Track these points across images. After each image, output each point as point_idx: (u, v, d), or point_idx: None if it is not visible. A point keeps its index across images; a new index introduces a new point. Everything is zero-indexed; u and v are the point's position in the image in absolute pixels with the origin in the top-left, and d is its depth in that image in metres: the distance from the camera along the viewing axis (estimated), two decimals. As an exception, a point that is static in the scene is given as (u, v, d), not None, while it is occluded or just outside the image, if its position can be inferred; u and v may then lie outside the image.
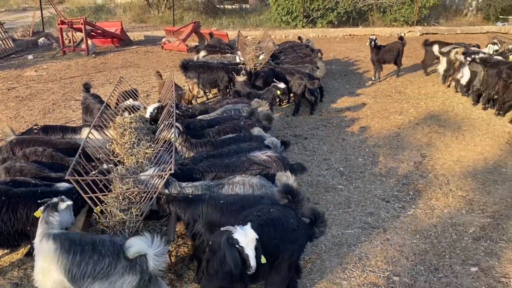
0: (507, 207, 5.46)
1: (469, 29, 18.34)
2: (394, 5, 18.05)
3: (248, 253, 3.14)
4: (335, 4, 17.80)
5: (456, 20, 19.77)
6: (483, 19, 20.24)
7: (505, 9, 20.07)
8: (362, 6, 18.16)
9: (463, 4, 21.77)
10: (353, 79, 11.41)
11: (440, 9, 20.09)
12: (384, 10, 18.45)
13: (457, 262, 4.47)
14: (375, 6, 18.28)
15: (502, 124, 8.20)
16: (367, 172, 6.43)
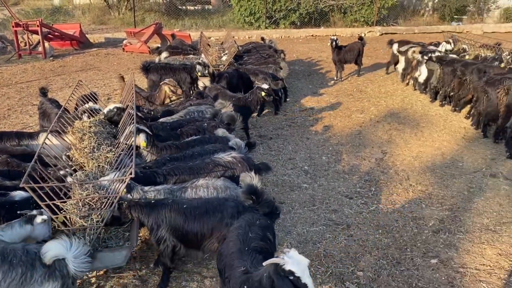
0: (464, 200, 5.67)
1: (426, 28, 18.98)
2: (354, 6, 18.44)
3: (307, 282, 2.75)
4: (297, 5, 18.01)
5: (414, 20, 20.42)
6: (439, 19, 21.00)
7: (459, 9, 20.91)
8: (323, 7, 18.45)
9: (420, 5, 22.50)
10: (316, 79, 11.57)
11: (398, 9, 20.69)
12: (344, 11, 18.82)
13: (418, 255, 4.61)
14: (336, 7, 18.62)
15: (458, 120, 8.52)
16: (330, 170, 6.53)
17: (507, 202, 5.59)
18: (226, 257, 3.26)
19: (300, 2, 17.99)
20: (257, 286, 2.87)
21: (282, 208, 5.46)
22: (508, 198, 5.69)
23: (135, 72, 8.74)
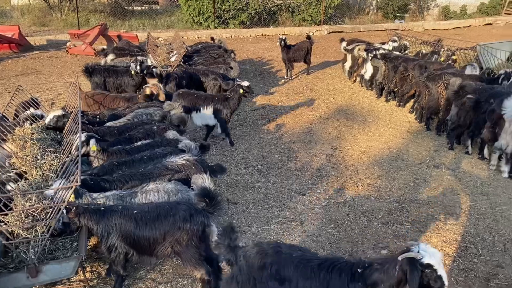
0: (410, 191, 5.92)
1: (371, 26, 19.61)
2: (301, 5, 18.73)
3: (442, 274, 2.77)
4: (246, 4, 18.05)
5: (359, 19, 21.04)
6: (383, 17, 21.77)
7: (401, 7, 21.77)
8: (271, 6, 18.60)
9: (365, 3, 23.23)
10: (267, 78, 11.66)
11: (344, 8, 21.23)
12: (292, 10, 19.08)
13: (369, 247, 4.76)
14: (284, 7, 18.84)
15: (403, 115, 8.87)
16: (283, 168, 6.60)
17: (450, 192, 5.89)
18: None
19: (248, 1, 18.03)
20: (382, 278, 2.91)
21: (236, 208, 5.47)
22: (451, 188, 6.00)
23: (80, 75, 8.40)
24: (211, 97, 7.21)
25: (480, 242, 4.83)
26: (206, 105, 7.05)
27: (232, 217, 5.28)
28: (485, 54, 8.53)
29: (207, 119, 7.12)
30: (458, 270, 4.39)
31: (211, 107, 7.06)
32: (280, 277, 3.10)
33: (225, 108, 7.10)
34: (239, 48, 15.14)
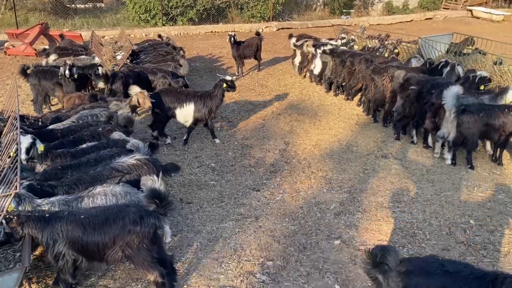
0: (360, 182, 6.08)
1: (319, 22, 19.96)
2: (250, 1, 18.75)
3: None
4: (194, 1, 17.82)
5: (307, 15, 21.34)
6: (330, 13, 22.21)
7: (347, 3, 22.31)
8: (220, 3, 18.49)
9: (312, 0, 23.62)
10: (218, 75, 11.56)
11: (292, 5, 21.45)
12: (241, 7, 19.05)
13: (323, 238, 4.84)
14: (233, 3, 18.78)
15: (351, 108, 9.09)
16: (237, 164, 6.58)
17: (398, 180, 6.11)
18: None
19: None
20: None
21: (190, 208, 5.39)
22: (398, 176, 6.22)
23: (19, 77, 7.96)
24: (193, 93, 7.11)
25: (427, 227, 5.04)
26: (189, 102, 6.95)
27: (185, 217, 5.20)
28: (426, 47, 8.91)
29: (188, 116, 7.03)
30: (408, 256, 4.55)
31: (193, 103, 6.95)
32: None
33: (206, 105, 6.99)
34: (188, 45, 14.94)
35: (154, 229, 3.73)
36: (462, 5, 24.11)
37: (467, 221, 5.13)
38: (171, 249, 4.56)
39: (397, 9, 23.59)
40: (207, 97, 7.02)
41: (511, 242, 4.76)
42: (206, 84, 10.65)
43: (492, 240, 4.80)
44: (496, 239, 4.82)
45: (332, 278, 4.21)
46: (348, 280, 4.19)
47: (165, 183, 5.74)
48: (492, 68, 7.47)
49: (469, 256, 4.53)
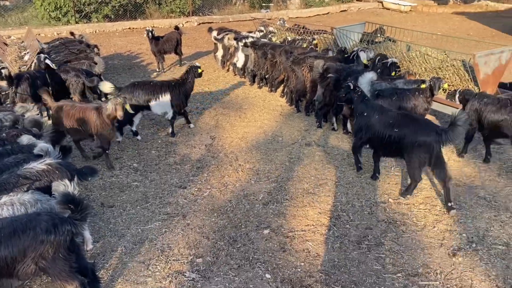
0: (286, 170, 6.15)
1: (239, 16, 20.00)
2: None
3: None
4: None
5: (228, 9, 21.31)
6: (250, 7, 22.35)
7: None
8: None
9: (232, -6, 23.60)
10: (137, 72, 11.17)
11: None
12: (159, 2, 18.55)
13: (252, 229, 4.83)
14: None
15: (275, 99, 9.20)
16: (161, 163, 6.38)
17: (321, 166, 6.27)
18: None
19: (111, -6, 17.06)
20: None
21: (112, 212, 5.12)
22: (322, 162, 6.39)
23: None
24: (167, 83, 7.15)
25: (350, 209, 5.22)
26: (164, 92, 6.99)
27: (108, 221, 4.93)
28: (341, 37, 9.23)
29: (166, 107, 7.03)
30: (333, 238, 4.68)
31: (169, 93, 7.00)
32: None
33: (181, 93, 7.13)
34: (105, 42, 14.30)
35: (71, 237, 3.47)
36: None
37: (387, 200, 5.39)
38: (93, 256, 4.30)
39: (314, 2, 24.31)
40: (181, 85, 7.16)
41: (426, 216, 5.07)
42: (125, 82, 10.21)
43: (409, 215, 5.08)
44: (413, 214, 5.11)
45: (263, 268, 4.21)
46: (278, 268, 4.22)
47: (83, 187, 5.44)
48: (401, 54, 7.91)
49: (390, 233, 4.76)
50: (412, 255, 4.41)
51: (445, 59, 7.23)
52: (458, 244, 4.57)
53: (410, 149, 5.15)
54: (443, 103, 6.90)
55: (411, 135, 5.14)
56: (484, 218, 5.01)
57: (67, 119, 5.88)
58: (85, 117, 5.85)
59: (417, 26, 17.98)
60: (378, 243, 4.61)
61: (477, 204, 5.30)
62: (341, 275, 4.13)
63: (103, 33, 16.44)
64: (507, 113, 5.71)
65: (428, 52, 7.50)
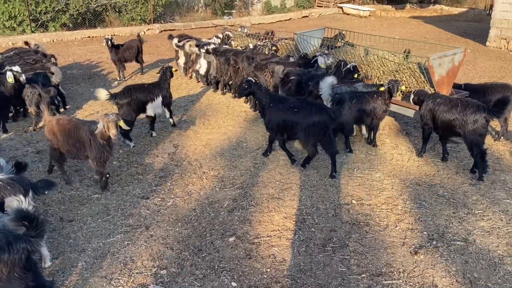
0: (251, 176, 6.14)
1: (202, 23, 19.94)
2: (128, 4, 18.02)
3: None
4: (65, 5, 16.58)
5: (190, 16, 21.20)
6: (212, 14, 22.33)
7: (228, 4, 22.65)
8: (95, 6, 17.47)
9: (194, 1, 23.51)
10: (97, 81, 10.91)
11: (173, 6, 21.14)
12: (119, 10, 18.23)
13: (217, 237, 4.78)
14: (110, 6, 17.88)
15: (239, 105, 9.19)
16: (123, 174, 6.23)
17: (286, 170, 6.29)
18: None
19: (68, 2, 16.59)
20: None
21: (72, 226, 4.95)
22: (286, 167, 6.41)
23: None
24: (156, 84, 7.37)
25: (315, 212, 5.25)
26: (157, 94, 7.25)
27: (67, 236, 4.76)
28: (301, 42, 9.34)
29: (157, 107, 7.33)
30: (299, 242, 4.69)
31: (160, 95, 7.29)
32: None
33: (167, 91, 7.48)
34: (63, 52, 13.91)
35: (26, 255, 3.32)
36: (334, 3, 25.98)
37: (350, 201, 5.46)
38: (52, 274, 4.14)
39: (275, 8, 24.57)
40: (165, 85, 7.44)
41: (388, 216, 5.17)
42: (84, 92, 9.98)
43: (372, 216, 5.17)
44: (376, 214, 5.20)
45: (229, 276, 4.17)
46: (244, 275, 4.18)
47: (41, 202, 5.24)
48: (360, 58, 8.07)
49: (354, 234, 4.82)
50: (375, 255, 4.47)
51: (402, 62, 7.44)
52: (420, 242, 4.68)
53: (307, 128, 5.97)
54: (400, 104, 7.09)
55: (308, 116, 5.98)
56: (443, 216, 5.16)
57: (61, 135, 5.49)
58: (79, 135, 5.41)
59: (376, 30, 18.49)
60: (342, 245, 4.65)
61: (437, 202, 5.45)
62: (307, 279, 4.14)
63: (61, 42, 15.99)
64: (458, 113, 5.92)
65: (385, 55, 7.70)
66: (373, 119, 6.76)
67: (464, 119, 5.88)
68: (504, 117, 7.02)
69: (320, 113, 5.98)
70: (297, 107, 6.10)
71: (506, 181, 5.96)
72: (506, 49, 15.22)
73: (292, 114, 6.10)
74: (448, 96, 6.55)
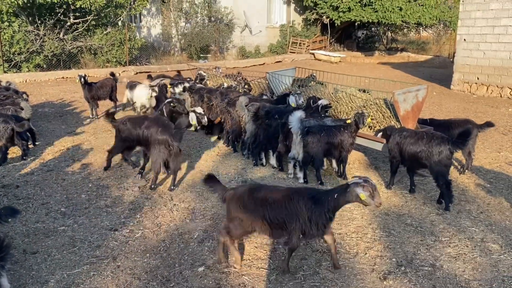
0: (223, 207, 6.08)
1: (178, 66, 20.32)
2: (104, 46, 18.28)
3: None
4: (40, 47, 16.69)
5: (166, 59, 21.63)
6: (188, 58, 22.85)
7: (204, 48, 23.26)
8: (71, 48, 17.65)
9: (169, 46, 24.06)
10: (70, 119, 10.86)
11: (149, 50, 21.60)
12: (95, 52, 18.46)
13: (187, 267, 4.68)
14: (85, 48, 18.09)
15: (212, 141, 9.27)
16: (92, 206, 6.11)
17: (257, 202, 6.29)
18: None
19: (43, 44, 16.72)
20: None
21: (35, 258, 4.77)
22: (258, 198, 6.42)
23: None
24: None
25: (286, 241, 5.23)
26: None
27: (30, 268, 4.58)
28: (273, 81, 9.64)
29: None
30: (269, 271, 4.64)
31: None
32: None
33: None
34: (36, 91, 13.89)
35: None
36: (306, 49, 27.01)
37: (320, 231, 5.47)
38: (11, 307, 3.93)
39: (250, 53, 25.35)
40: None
41: (358, 243, 5.21)
42: (56, 129, 9.91)
43: (342, 244, 5.19)
44: (346, 243, 5.23)
45: (197, 305, 4.06)
46: (213, 303, 4.09)
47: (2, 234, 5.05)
48: (330, 96, 8.37)
49: (324, 262, 4.81)
50: (345, 282, 4.46)
51: (369, 98, 7.74)
52: (388, 268, 4.71)
53: (153, 145, 6.49)
54: (369, 138, 7.31)
55: (154, 134, 6.49)
56: (411, 243, 5.23)
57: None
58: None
59: (346, 73, 19.19)
60: (313, 272, 4.63)
61: (405, 231, 5.54)
62: (277, 306, 4.08)
63: (34, 82, 15.97)
64: (424, 145, 6.15)
65: (353, 92, 8.01)
66: (341, 151, 6.93)
67: (430, 150, 6.10)
68: (468, 151, 7.32)
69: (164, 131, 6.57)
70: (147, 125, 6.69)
71: (471, 211, 6.13)
72: (469, 92, 16.03)
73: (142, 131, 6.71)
74: (414, 129, 6.81)
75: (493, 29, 15.09)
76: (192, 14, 23.95)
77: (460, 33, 16.15)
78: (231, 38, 24.85)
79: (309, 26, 28.36)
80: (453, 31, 26.01)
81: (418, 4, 25.15)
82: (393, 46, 32.43)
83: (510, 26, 14.64)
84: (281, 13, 28.65)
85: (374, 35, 33.05)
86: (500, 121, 11.35)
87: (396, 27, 30.26)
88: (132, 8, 20.58)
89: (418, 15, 24.99)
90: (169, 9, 24.79)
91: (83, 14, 17.90)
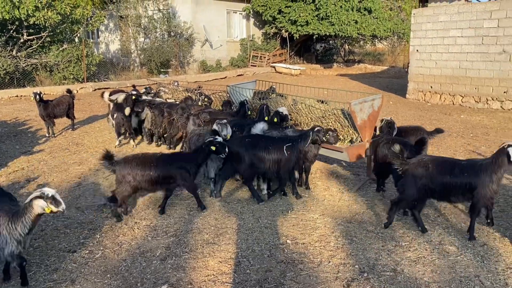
0: (185, 223, 6.03)
1: (138, 81, 20.03)
2: (60, 63, 17.81)
3: None
4: (-8, 64, 16.10)
5: (125, 75, 21.30)
6: (148, 73, 22.60)
7: (164, 63, 23.08)
8: (25, 66, 17.08)
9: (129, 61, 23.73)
10: (24, 138, 10.46)
11: (108, 66, 21.21)
12: (51, 69, 17.94)
13: (149, 286, 4.57)
14: (40, 65, 17.56)
15: (174, 156, 9.14)
16: (48, 228, 5.88)
17: (221, 215, 6.26)
18: None
19: (-4, 61, 16.14)
20: None
21: (-14, 286, 4.52)
22: (221, 212, 6.39)
23: None
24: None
25: (250, 254, 5.21)
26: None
27: (-20, 297, 4.33)
28: (234, 93, 9.67)
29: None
30: (234, 285, 4.60)
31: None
32: None
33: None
34: (-13, 111, 13.29)
35: None
36: (266, 63, 27.34)
37: (285, 241, 5.50)
38: None
39: (211, 67, 25.38)
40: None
41: (321, 252, 5.25)
42: (9, 149, 9.51)
43: (306, 254, 5.22)
44: (310, 252, 5.26)
45: (160, 325, 3.96)
46: (177, 322, 3.99)
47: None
48: (290, 107, 8.47)
49: (289, 272, 4.82)
50: (310, 291, 4.48)
51: (327, 109, 7.89)
52: (352, 275, 4.77)
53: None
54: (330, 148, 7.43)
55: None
56: (373, 249, 5.33)
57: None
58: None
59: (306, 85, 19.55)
60: (278, 284, 4.62)
61: (367, 237, 5.64)
62: (242, 320, 4.03)
63: (-15, 101, 15.32)
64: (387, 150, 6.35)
65: (312, 103, 8.15)
66: (305, 162, 7.01)
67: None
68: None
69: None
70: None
71: (428, 215, 6.32)
72: (423, 101, 16.68)
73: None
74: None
75: (443, 40, 15.84)
76: (151, 29, 23.80)
77: (413, 44, 16.85)
78: (191, 52, 24.82)
79: (269, 40, 28.78)
80: (406, 42, 27.11)
81: (373, 17, 26.10)
82: (351, 58, 33.42)
83: (458, 37, 15.41)
84: (241, 28, 28.95)
85: (332, 47, 33.94)
86: (453, 127, 11.86)
87: (353, 40, 31.22)
88: (89, 24, 20.24)
89: (373, 28, 25.90)
90: (128, 25, 24.53)
91: (37, 30, 17.42)
